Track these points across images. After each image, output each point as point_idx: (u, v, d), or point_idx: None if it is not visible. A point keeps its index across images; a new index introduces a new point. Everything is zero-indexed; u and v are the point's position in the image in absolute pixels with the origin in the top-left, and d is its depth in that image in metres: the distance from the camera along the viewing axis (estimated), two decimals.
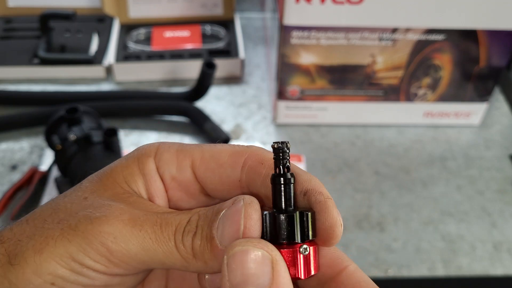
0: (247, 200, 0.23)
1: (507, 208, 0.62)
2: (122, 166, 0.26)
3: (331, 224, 0.23)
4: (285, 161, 0.23)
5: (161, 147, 0.26)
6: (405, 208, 0.61)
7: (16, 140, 0.67)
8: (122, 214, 0.23)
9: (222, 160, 0.25)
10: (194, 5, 0.82)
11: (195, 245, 0.23)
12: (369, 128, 0.71)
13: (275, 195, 0.23)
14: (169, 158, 0.25)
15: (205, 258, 0.23)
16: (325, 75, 0.66)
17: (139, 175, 0.25)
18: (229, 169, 0.25)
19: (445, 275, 0.55)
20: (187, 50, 0.78)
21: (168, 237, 0.23)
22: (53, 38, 0.79)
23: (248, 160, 0.25)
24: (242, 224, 0.22)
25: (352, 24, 0.61)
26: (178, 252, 0.23)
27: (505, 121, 0.74)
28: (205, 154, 0.25)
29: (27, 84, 0.75)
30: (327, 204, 0.23)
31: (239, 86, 0.77)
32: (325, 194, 0.24)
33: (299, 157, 0.66)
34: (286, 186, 0.23)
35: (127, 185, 0.25)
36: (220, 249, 0.22)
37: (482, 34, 0.62)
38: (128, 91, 0.74)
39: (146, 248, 0.23)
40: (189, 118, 0.70)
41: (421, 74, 0.66)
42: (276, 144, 0.23)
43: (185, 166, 0.25)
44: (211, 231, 0.23)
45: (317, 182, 0.24)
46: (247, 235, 0.22)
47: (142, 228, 0.23)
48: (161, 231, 0.23)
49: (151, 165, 0.25)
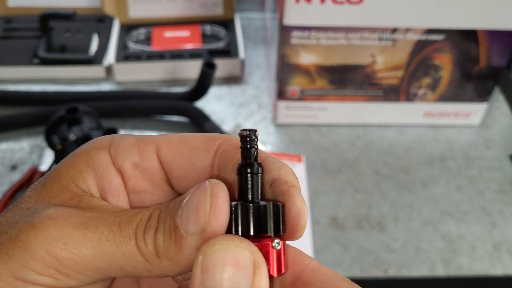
0: (214, 181, 0.20)
1: (507, 208, 0.62)
2: (67, 165, 0.22)
3: (295, 214, 0.21)
4: (253, 149, 0.21)
5: (115, 137, 0.23)
6: (405, 208, 0.61)
7: (16, 140, 0.67)
8: (72, 217, 0.20)
9: (194, 143, 0.23)
10: (194, 5, 0.82)
11: (158, 241, 0.20)
12: (369, 128, 0.71)
13: (242, 185, 0.21)
14: (130, 146, 0.23)
15: (170, 254, 0.20)
16: (325, 75, 0.66)
17: (88, 171, 0.22)
18: (202, 153, 0.23)
19: (445, 275, 0.55)
20: (187, 50, 0.78)
21: (129, 236, 0.20)
22: (53, 38, 0.79)
23: (223, 145, 0.23)
24: (209, 203, 0.20)
25: (352, 24, 0.61)
26: (140, 252, 0.20)
27: (505, 121, 0.74)
28: (172, 139, 0.23)
29: (27, 84, 0.75)
30: (291, 193, 0.21)
31: (239, 86, 0.77)
32: (290, 183, 0.22)
33: (299, 157, 0.66)
34: (254, 176, 0.21)
35: (75, 185, 0.22)
36: (185, 238, 0.20)
37: (482, 34, 0.62)
38: (128, 91, 0.74)
39: (102, 252, 0.20)
40: (189, 118, 0.70)
41: (421, 74, 0.66)
42: (243, 131, 0.21)
43: (148, 152, 0.23)
44: (174, 221, 0.20)
45: (285, 171, 0.22)
46: (214, 215, 0.19)
47: (97, 229, 0.20)
48: (120, 231, 0.20)
49: (104, 158, 0.23)
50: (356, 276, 0.55)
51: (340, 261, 0.56)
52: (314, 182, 0.63)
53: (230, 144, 0.23)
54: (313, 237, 0.57)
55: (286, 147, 0.68)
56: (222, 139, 0.23)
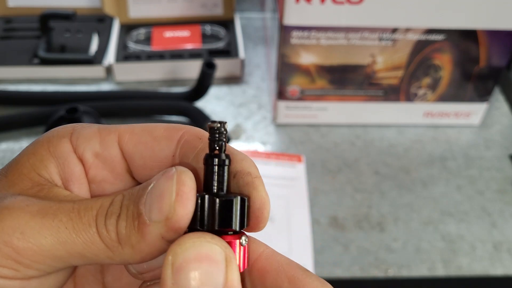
0: (181, 168, 0.20)
1: (507, 208, 0.62)
2: (28, 154, 0.22)
3: (259, 205, 0.21)
4: (221, 142, 0.21)
5: (77, 126, 0.23)
6: (405, 208, 0.61)
7: (16, 140, 0.67)
8: (30, 205, 0.20)
9: (157, 133, 0.23)
10: (194, 5, 0.82)
11: (120, 228, 0.20)
12: (369, 128, 0.71)
13: (207, 176, 0.21)
14: (91, 134, 0.22)
15: (132, 241, 0.19)
16: (325, 75, 0.66)
17: (50, 159, 0.22)
18: (164, 142, 0.22)
19: (445, 275, 0.55)
20: (187, 50, 0.78)
21: (89, 223, 0.20)
22: (53, 38, 0.79)
23: (185, 135, 0.23)
24: (174, 191, 0.19)
25: (352, 24, 0.61)
26: (101, 239, 0.20)
27: (505, 121, 0.74)
28: (135, 129, 0.23)
29: (27, 84, 0.75)
30: (255, 184, 0.21)
31: (239, 86, 0.77)
32: (253, 174, 0.21)
33: (299, 157, 0.66)
34: (220, 168, 0.21)
35: (36, 173, 0.22)
36: (148, 225, 0.19)
37: (482, 34, 0.62)
38: (128, 91, 0.74)
39: (61, 241, 0.19)
40: (189, 118, 0.70)
41: (421, 74, 0.66)
42: (212, 123, 0.21)
43: (110, 141, 0.22)
44: (138, 208, 0.20)
45: (247, 162, 0.22)
46: (180, 203, 0.19)
47: (55, 217, 0.20)
48: (79, 218, 0.20)
49: (66, 146, 0.22)
50: (356, 276, 0.55)
51: (340, 261, 0.56)
52: (314, 182, 0.63)
53: (192, 134, 0.23)
54: (313, 237, 0.57)
55: (286, 147, 0.68)
56: (185, 129, 0.23)
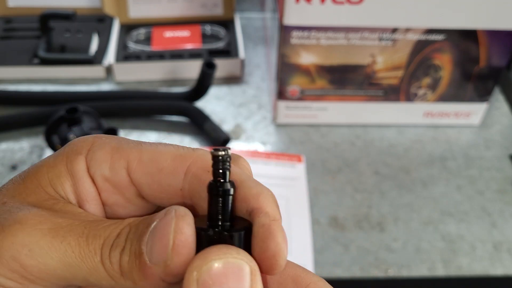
0: (180, 212, 0.20)
1: (507, 208, 0.62)
2: (48, 166, 0.22)
3: (274, 253, 0.20)
4: (225, 170, 0.21)
5: (95, 143, 0.23)
6: (405, 208, 0.61)
7: (16, 140, 0.67)
8: (42, 222, 0.20)
9: (163, 164, 0.22)
10: (194, 5, 0.82)
11: (123, 262, 0.20)
12: (369, 128, 0.71)
13: (211, 206, 0.21)
14: (102, 157, 0.22)
15: (134, 277, 0.20)
16: (325, 75, 0.66)
17: (67, 176, 0.22)
18: (170, 176, 0.22)
19: (445, 275, 0.55)
20: (187, 50, 0.78)
21: (95, 251, 0.20)
22: (53, 38, 0.79)
23: (193, 167, 0.22)
24: (171, 239, 0.19)
25: (352, 24, 0.61)
26: (105, 269, 0.20)
27: (505, 121, 0.74)
28: (143, 156, 0.22)
29: (27, 84, 0.75)
30: (271, 229, 0.20)
31: (239, 86, 0.77)
32: (271, 215, 0.20)
33: (299, 157, 0.66)
34: (224, 198, 0.20)
35: (52, 188, 0.22)
36: (149, 267, 0.19)
37: (482, 34, 0.62)
38: (128, 91, 0.74)
39: (67, 264, 0.20)
40: (189, 118, 0.70)
41: (421, 74, 0.66)
42: (216, 151, 0.20)
43: (119, 167, 0.22)
44: (140, 246, 0.20)
45: (266, 199, 0.21)
46: (176, 252, 0.19)
47: (64, 239, 0.20)
48: (86, 244, 0.20)
49: (81, 165, 0.22)
50: (356, 276, 0.55)
51: (340, 261, 0.56)
52: (314, 182, 0.63)
53: (200, 166, 0.22)
54: (313, 237, 0.57)
55: (286, 147, 0.68)
56: (193, 159, 0.22)
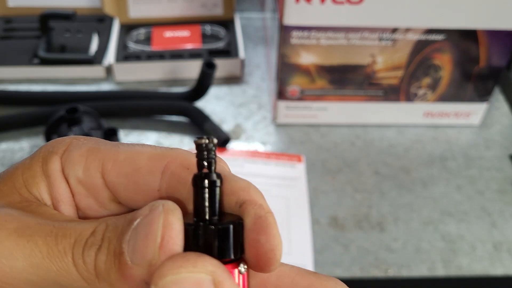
0: (169, 206, 0.18)
1: (507, 208, 0.62)
2: (24, 167, 0.21)
3: (272, 246, 0.19)
4: (211, 160, 0.19)
5: (72, 144, 0.21)
6: (405, 208, 0.61)
7: (16, 140, 0.67)
8: (8, 221, 0.19)
9: (139, 163, 0.21)
10: (194, 5, 0.82)
11: (99, 262, 0.18)
12: (369, 128, 0.71)
13: (198, 200, 0.19)
14: (77, 158, 0.21)
15: (111, 279, 0.18)
16: (325, 75, 0.66)
17: (41, 177, 0.21)
18: (147, 175, 0.20)
19: (445, 275, 0.55)
20: (187, 50, 0.78)
21: (64, 250, 0.18)
22: (53, 38, 0.79)
23: (171, 165, 0.20)
24: (160, 235, 0.17)
25: (352, 24, 0.61)
26: (77, 270, 0.18)
27: (505, 121, 0.74)
28: (119, 156, 0.21)
29: (27, 84, 0.75)
30: (268, 221, 0.19)
31: (239, 86, 0.77)
32: (265, 208, 0.19)
33: (299, 157, 0.66)
34: (211, 189, 0.19)
35: (27, 190, 0.21)
36: (130, 268, 0.18)
37: (482, 34, 0.62)
38: (128, 91, 0.74)
39: (35, 265, 0.18)
40: (189, 118, 0.70)
41: (421, 74, 0.66)
42: (200, 139, 0.19)
43: (93, 169, 0.21)
44: (120, 245, 0.18)
45: (256, 192, 0.20)
46: (164, 250, 0.17)
47: (30, 238, 0.18)
48: (55, 244, 0.18)
49: (56, 164, 0.21)
50: (356, 276, 0.55)
51: (340, 261, 0.56)
52: (314, 182, 0.63)
53: (178, 164, 0.20)
54: (313, 237, 0.57)
55: (286, 147, 0.68)
56: (170, 158, 0.21)
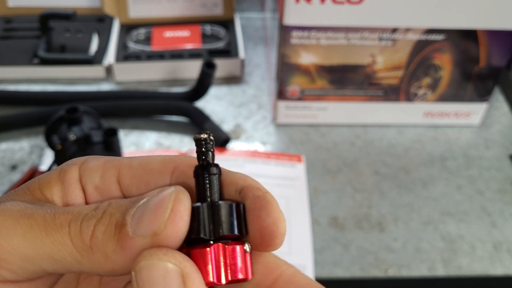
0: (179, 188, 0.20)
1: (507, 208, 0.62)
2: (42, 176, 0.23)
3: (274, 219, 0.20)
4: (209, 152, 0.21)
5: (91, 157, 0.23)
6: (405, 208, 0.61)
7: (16, 140, 0.67)
8: (14, 205, 0.20)
9: (151, 166, 0.22)
10: (194, 5, 0.82)
11: (97, 232, 0.19)
12: (369, 128, 0.71)
13: (199, 188, 0.21)
14: (95, 167, 0.23)
15: (107, 250, 0.19)
16: (325, 75, 0.66)
17: (57, 182, 0.22)
18: (158, 175, 0.22)
19: (445, 275, 0.55)
20: (187, 50, 0.78)
21: (61, 224, 0.19)
22: (53, 38, 0.79)
23: (180, 166, 0.22)
24: (170, 208, 0.19)
25: (352, 24, 0.61)
26: (71, 240, 0.19)
27: (505, 121, 0.74)
28: (133, 162, 0.23)
29: (27, 84, 0.75)
30: (268, 198, 0.21)
31: (239, 86, 0.77)
32: (263, 189, 0.21)
33: (299, 157, 0.66)
34: (211, 177, 0.21)
35: (40, 192, 0.22)
36: (131, 238, 0.19)
37: (482, 34, 0.62)
38: (128, 91, 0.74)
39: (31, 239, 0.19)
40: (189, 118, 0.70)
41: (421, 74, 0.66)
42: (198, 134, 0.21)
43: (110, 175, 0.23)
44: (124, 217, 0.19)
45: (252, 180, 0.22)
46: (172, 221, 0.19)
47: (30, 217, 0.19)
48: (53, 218, 0.19)
49: (73, 173, 0.23)
50: (356, 276, 0.55)
51: (340, 261, 0.56)
52: (314, 182, 0.63)
53: (186, 164, 0.22)
54: (313, 237, 0.57)
55: (286, 147, 0.68)
56: (179, 161, 0.22)
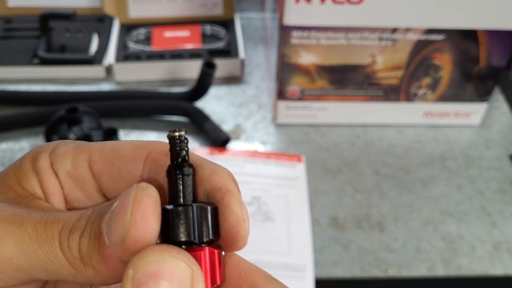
0: (141, 184, 0.19)
1: (507, 208, 0.62)
2: (15, 168, 0.22)
3: (233, 223, 0.20)
4: (183, 151, 0.20)
5: (60, 143, 0.23)
6: (405, 208, 0.61)
7: (16, 140, 0.67)
8: (1, 211, 0.20)
9: (123, 152, 0.22)
10: (194, 5, 0.82)
11: (82, 246, 0.19)
12: (369, 128, 0.71)
13: (172, 189, 0.20)
14: (65, 152, 0.22)
15: (93, 262, 0.18)
16: (325, 75, 0.66)
17: (32, 173, 0.22)
18: (130, 162, 0.21)
19: (445, 275, 0.55)
20: (187, 50, 0.78)
21: (52, 235, 0.19)
22: (53, 38, 0.79)
23: (153, 153, 0.21)
24: (129, 211, 0.18)
25: (352, 24, 0.61)
26: (63, 255, 0.19)
27: (505, 121, 0.74)
28: (105, 147, 0.22)
29: (27, 84, 0.75)
30: (225, 201, 0.20)
31: (239, 86, 0.77)
32: (223, 188, 0.20)
33: (299, 157, 0.66)
34: (184, 178, 0.20)
35: (19, 186, 0.22)
36: (108, 247, 0.18)
37: (482, 34, 0.62)
38: (128, 91, 0.74)
39: (24, 251, 0.19)
40: (189, 118, 0.70)
41: (421, 74, 0.66)
42: (172, 132, 0.20)
43: (80, 160, 0.22)
44: (99, 226, 0.18)
45: (217, 176, 0.20)
46: (133, 225, 0.18)
47: (21, 225, 0.19)
48: (44, 229, 0.19)
49: (45, 161, 0.22)
50: (356, 276, 0.55)
51: (340, 261, 0.56)
52: (314, 182, 0.63)
53: (159, 151, 0.21)
54: (313, 237, 0.57)
55: (286, 147, 0.68)
56: (151, 147, 0.22)
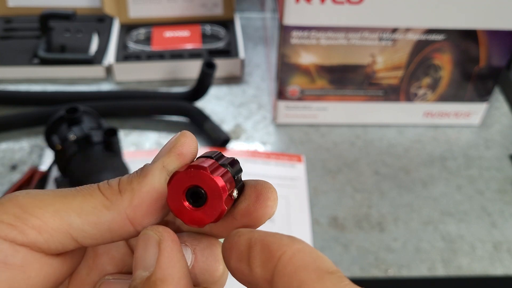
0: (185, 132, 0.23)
1: (507, 208, 0.62)
2: None
3: (261, 188, 0.22)
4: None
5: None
6: (405, 208, 0.61)
7: (16, 140, 0.67)
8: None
9: None
10: (194, 5, 0.82)
11: (123, 179, 0.22)
12: (369, 128, 0.71)
13: None
14: None
15: (133, 184, 0.21)
16: (325, 75, 0.66)
17: None
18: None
19: (445, 275, 0.55)
20: (187, 50, 0.78)
21: (91, 186, 0.22)
22: (53, 38, 0.79)
23: None
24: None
25: (352, 24, 0.61)
26: (100, 190, 0.21)
27: (505, 121, 0.74)
28: None
29: (27, 84, 0.75)
30: (267, 184, 0.22)
31: (239, 86, 0.77)
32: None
33: (299, 157, 0.66)
34: None
35: None
36: (150, 165, 0.22)
37: (482, 34, 0.62)
38: (128, 91, 0.74)
39: (62, 195, 0.21)
40: (189, 118, 0.70)
41: (421, 74, 0.66)
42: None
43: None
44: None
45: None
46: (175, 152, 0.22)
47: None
48: (83, 185, 0.22)
49: None
50: (356, 276, 0.55)
51: (340, 261, 0.56)
52: (314, 182, 0.63)
53: None
54: (313, 237, 0.57)
55: (286, 147, 0.68)
56: None
